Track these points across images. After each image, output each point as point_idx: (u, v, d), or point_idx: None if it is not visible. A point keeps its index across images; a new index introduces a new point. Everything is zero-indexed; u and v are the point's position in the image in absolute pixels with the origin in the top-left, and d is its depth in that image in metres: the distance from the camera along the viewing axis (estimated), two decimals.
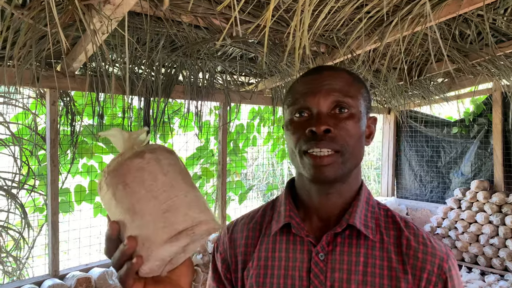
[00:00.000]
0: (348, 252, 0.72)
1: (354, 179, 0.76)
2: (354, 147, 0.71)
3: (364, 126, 0.74)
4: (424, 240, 0.73)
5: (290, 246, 0.76)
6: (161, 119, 2.66)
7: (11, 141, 2.33)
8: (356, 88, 0.74)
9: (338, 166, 0.70)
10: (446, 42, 2.58)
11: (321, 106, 0.71)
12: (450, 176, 4.40)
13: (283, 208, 0.79)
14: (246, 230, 0.82)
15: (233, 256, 0.81)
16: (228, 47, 2.42)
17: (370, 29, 2.12)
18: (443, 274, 0.70)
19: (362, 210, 0.75)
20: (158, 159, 0.54)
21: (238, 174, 3.85)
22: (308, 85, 0.74)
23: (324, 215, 0.76)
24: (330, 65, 0.80)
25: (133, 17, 1.85)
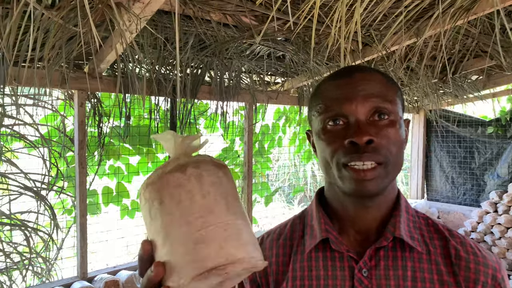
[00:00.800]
0: (393, 266, 0.66)
1: (391, 189, 0.71)
2: (397, 156, 0.66)
3: (403, 131, 0.68)
4: (473, 250, 0.68)
5: (329, 263, 0.69)
6: (187, 120, 2.63)
7: (40, 143, 2.34)
8: (393, 91, 0.68)
9: (381, 180, 0.64)
10: (487, 37, 2.44)
11: (359, 113, 0.64)
12: (485, 178, 4.19)
13: (316, 222, 0.73)
14: (276, 248, 0.76)
15: (263, 276, 0.75)
16: (256, 45, 2.35)
17: (408, 24, 2.02)
18: (497, 285, 0.66)
19: (405, 221, 0.69)
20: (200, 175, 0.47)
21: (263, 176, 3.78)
22: (341, 90, 0.67)
23: (363, 228, 0.70)
24: (360, 66, 0.72)
25: (162, 15, 1.81)
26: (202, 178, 0.47)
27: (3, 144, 2.24)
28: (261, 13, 1.93)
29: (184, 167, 0.48)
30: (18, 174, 2.30)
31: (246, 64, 2.59)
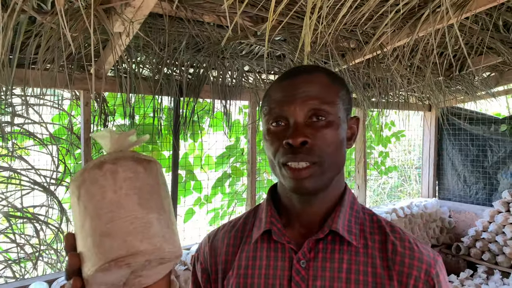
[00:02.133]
0: (330, 258, 0.70)
1: (336, 185, 0.75)
2: (334, 155, 0.69)
3: (344, 132, 0.71)
4: (410, 245, 0.71)
5: (271, 253, 0.74)
6: (191, 119, 2.70)
7: (49, 141, 2.47)
8: (334, 91, 0.71)
9: (317, 178, 0.68)
10: (488, 33, 2.40)
11: (297, 115, 0.68)
12: (498, 177, 4.09)
13: (264, 214, 0.77)
14: (228, 238, 0.80)
15: (213, 265, 0.79)
16: (254, 45, 2.40)
17: (399, 22, 2.02)
18: (430, 280, 0.68)
19: (346, 215, 0.73)
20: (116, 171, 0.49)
21: (268, 173, 3.83)
22: (283, 93, 0.70)
23: (307, 221, 0.74)
24: (305, 67, 0.75)
25: (156, 18, 1.89)
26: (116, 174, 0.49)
27: (15, 141, 2.38)
28: (254, 14, 1.97)
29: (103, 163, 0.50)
30: (29, 170, 2.44)
31: (246, 64, 2.64)
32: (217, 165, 3.36)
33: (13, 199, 2.42)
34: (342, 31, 2.17)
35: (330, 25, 1.79)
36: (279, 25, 2.12)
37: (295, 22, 2.10)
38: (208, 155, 3.32)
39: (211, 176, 3.33)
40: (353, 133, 0.76)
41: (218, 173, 3.39)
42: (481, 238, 3.89)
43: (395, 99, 3.68)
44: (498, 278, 3.60)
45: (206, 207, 3.37)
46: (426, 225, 4.18)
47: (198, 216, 3.36)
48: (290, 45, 2.33)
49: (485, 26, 2.41)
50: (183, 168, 3.11)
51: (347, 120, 0.74)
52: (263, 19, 2.10)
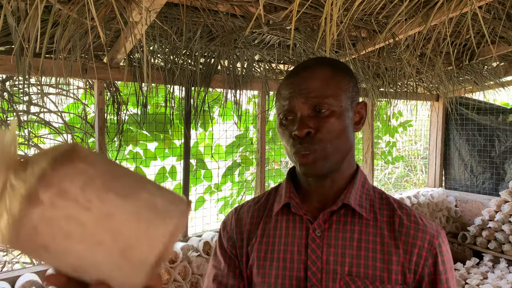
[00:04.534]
0: (343, 229, 0.79)
1: (347, 166, 0.83)
2: (337, 141, 0.77)
3: (348, 119, 0.79)
4: (415, 219, 0.80)
5: (290, 224, 0.83)
6: (201, 108, 2.73)
7: (64, 130, 2.50)
8: (335, 83, 0.78)
9: (322, 162, 0.77)
10: (500, 22, 2.39)
11: (302, 109, 0.77)
12: (505, 167, 4.11)
13: (284, 190, 0.86)
14: (252, 211, 0.90)
15: (238, 233, 0.89)
16: (265, 35, 2.41)
17: (412, 11, 2.02)
18: (433, 249, 0.76)
19: (357, 192, 0.82)
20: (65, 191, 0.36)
21: (277, 163, 3.86)
22: (289, 90, 0.79)
23: (321, 197, 0.83)
24: (311, 62, 0.83)
25: (171, 7, 1.90)
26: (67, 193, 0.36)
27: (30, 130, 2.42)
28: (267, 3, 1.98)
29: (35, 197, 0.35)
30: None
31: (257, 53, 2.66)
32: (227, 154, 3.39)
33: None
34: (355, 20, 2.18)
35: (345, 14, 1.80)
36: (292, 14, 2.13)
37: (308, 12, 2.11)
38: (218, 144, 3.35)
39: (221, 165, 3.36)
40: (361, 117, 0.84)
41: (227, 162, 3.42)
42: (487, 227, 3.93)
43: (403, 89, 3.69)
44: (504, 266, 3.65)
45: (216, 196, 3.42)
46: (432, 215, 4.21)
47: (208, 204, 3.40)
48: (303, 34, 2.34)
49: (497, 15, 2.41)
50: (194, 157, 3.15)
51: (352, 107, 0.81)
52: (276, 7, 2.11)
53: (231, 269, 0.88)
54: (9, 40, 1.90)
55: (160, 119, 2.82)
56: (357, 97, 0.84)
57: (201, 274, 2.62)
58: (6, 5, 1.38)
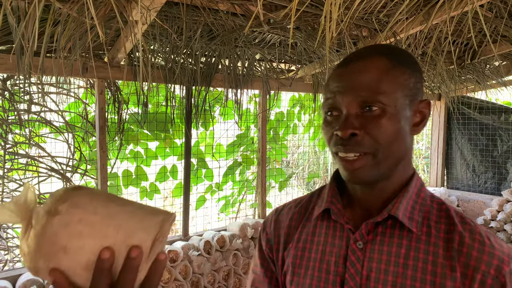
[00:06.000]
0: (388, 242, 0.69)
1: (400, 173, 0.72)
2: (390, 145, 0.66)
3: (404, 119, 0.67)
4: (481, 238, 0.66)
5: (330, 231, 0.75)
6: (202, 107, 2.73)
7: (65, 129, 2.51)
8: (391, 77, 0.67)
9: (371, 168, 0.67)
10: (502, 21, 2.38)
11: (348, 107, 0.67)
12: (507, 166, 4.09)
13: (326, 194, 0.78)
14: (291, 213, 0.84)
15: (276, 236, 0.83)
16: (266, 34, 2.41)
17: (414, 10, 2.01)
18: (501, 277, 0.63)
19: (410, 202, 0.70)
20: (76, 203, 0.47)
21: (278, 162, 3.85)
22: (336, 83, 0.70)
23: (367, 205, 0.74)
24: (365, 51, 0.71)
25: (171, 6, 1.90)
26: (78, 204, 0.47)
27: (31, 129, 2.43)
28: (267, 2, 1.98)
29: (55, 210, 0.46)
30: (46, 157, 2.48)
31: (258, 52, 2.65)
32: (227, 154, 3.39)
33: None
34: (356, 19, 2.17)
35: (345, 13, 1.79)
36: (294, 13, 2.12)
37: (309, 10, 2.10)
38: (219, 144, 3.35)
39: (222, 164, 3.36)
40: (423, 118, 0.72)
41: (228, 162, 3.42)
42: (490, 227, 3.91)
43: None
44: None
45: (217, 195, 3.42)
46: None
47: (209, 203, 3.40)
48: (304, 33, 2.33)
49: (499, 13, 2.40)
50: (195, 156, 3.15)
51: (411, 105, 0.69)
52: (277, 6, 2.11)
53: (268, 275, 0.84)
54: (10, 39, 1.90)
55: (161, 118, 2.82)
56: (420, 94, 0.72)
57: (202, 273, 2.62)
58: (6, 4, 1.38)
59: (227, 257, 2.74)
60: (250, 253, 2.85)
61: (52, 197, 0.48)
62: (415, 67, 0.71)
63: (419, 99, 0.71)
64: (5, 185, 2.36)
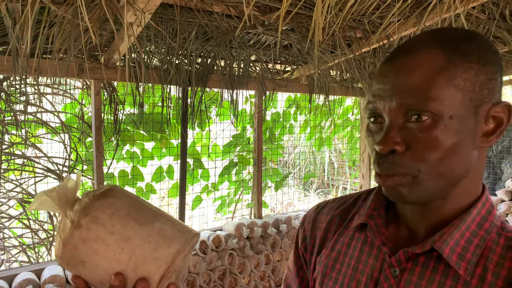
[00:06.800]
0: (429, 278, 0.57)
1: (461, 194, 0.58)
2: (439, 164, 0.54)
3: (466, 130, 0.54)
4: None
5: (366, 248, 0.65)
6: (198, 108, 2.75)
7: (61, 129, 2.52)
8: (448, 77, 0.52)
9: (412, 188, 0.55)
10: (494, 22, 2.41)
11: (392, 115, 0.55)
12: (502, 166, 4.13)
13: (369, 204, 0.68)
14: (331, 215, 0.74)
15: (312, 237, 0.75)
16: (261, 35, 2.43)
17: (407, 12, 2.04)
18: None
19: (465, 234, 0.57)
20: (97, 218, 0.49)
21: (274, 162, 3.87)
22: (380, 84, 0.57)
23: (414, 225, 0.62)
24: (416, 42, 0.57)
25: (166, 8, 1.92)
26: (99, 220, 0.49)
27: (28, 130, 2.44)
28: (261, 4, 2.00)
29: (78, 222, 0.49)
30: (42, 158, 2.50)
31: (254, 53, 2.67)
32: (224, 154, 3.41)
33: (27, 185, 2.49)
34: (349, 21, 2.20)
35: (338, 15, 1.81)
36: (287, 15, 2.15)
37: (302, 12, 2.13)
38: (215, 144, 3.37)
39: (218, 165, 3.38)
40: (498, 125, 0.56)
41: (225, 162, 3.44)
42: None
43: None
44: None
45: (213, 195, 3.44)
46: None
47: (205, 203, 3.42)
48: (298, 35, 2.35)
49: (492, 15, 2.42)
50: (191, 157, 3.17)
51: (479, 112, 0.54)
52: (271, 8, 2.13)
53: (299, 275, 0.77)
54: (6, 40, 1.92)
55: (157, 118, 2.84)
56: (493, 95, 0.55)
57: (197, 273, 2.64)
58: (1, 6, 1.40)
59: (223, 257, 2.76)
60: (246, 252, 2.87)
61: (82, 202, 0.50)
62: (487, 58, 0.55)
63: (491, 103, 0.55)
64: (2, 185, 2.37)
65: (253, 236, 2.93)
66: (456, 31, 0.57)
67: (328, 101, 3.26)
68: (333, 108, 3.40)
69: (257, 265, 2.95)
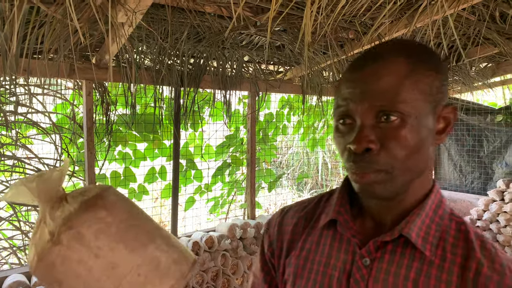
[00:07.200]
0: (398, 263, 0.62)
1: (418, 187, 0.66)
2: (408, 160, 0.60)
3: (425, 129, 0.61)
4: (501, 269, 0.59)
5: (335, 243, 0.69)
6: (191, 109, 2.74)
7: (52, 130, 2.50)
8: (412, 82, 0.59)
9: (384, 185, 0.61)
10: (484, 24, 2.43)
11: (363, 116, 0.60)
12: (493, 166, 4.16)
13: (335, 201, 0.72)
14: (296, 218, 0.77)
15: (279, 241, 0.77)
16: (253, 36, 2.43)
17: (397, 13, 2.05)
18: None
19: (425, 220, 0.64)
20: (81, 236, 0.41)
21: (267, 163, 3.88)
22: (350, 88, 0.62)
23: (379, 218, 0.68)
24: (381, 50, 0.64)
25: (158, 9, 1.91)
26: (83, 238, 0.41)
27: (18, 130, 2.42)
28: (253, 5, 2.00)
29: (58, 237, 0.41)
30: (33, 159, 2.48)
31: (246, 54, 2.67)
32: (217, 155, 3.41)
33: None
34: (341, 22, 2.20)
35: (329, 16, 1.82)
36: (279, 16, 2.15)
37: (294, 13, 2.13)
38: (208, 145, 3.36)
39: (211, 165, 3.38)
40: (447, 125, 0.65)
41: (218, 163, 3.43)
42: (476, 226, 3.97)
43: None
44: None
45: (207, 196, 3.43)
46: None
47: (198, 204, 3.41)
48: (290, 36, 2.36)
49: (482, 17, 2.44)
50: (184, 157, 3.16)
51: (434, 112, 0.62)
52: (263, 9, 2.13)
53: (267, 280, 0.78)
54: None
55: (149, 119, 2.82)
56: (444, 98, 0.64)
57: None
58: None
59: (216, 258, 2.76)
60: (239, 253, 2.87)
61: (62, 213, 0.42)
62: (439, 67, 0.63)
63: (443, 104, 0.64)
64: None
65: (246, 237, 2.92)
66: (416, 44, 0.65)
67: (321, 101, 3.27)
68: (326, 109, 3.41)
69: (250, 266, 2.94)
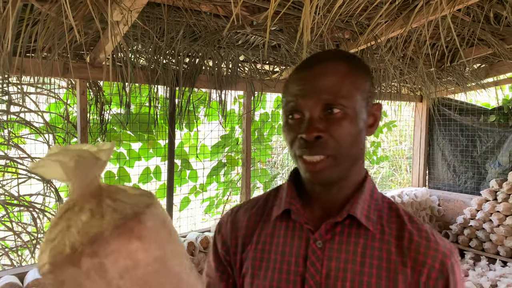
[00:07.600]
0: (346, 241, 0.72)
1: (356, 173, 0.76)
2: (350, 147, 0.70)
3: (361, 122, 0.71)
4: (427, 235, 0.72)
5: (289, 232, 0.76)
6: (186, 108, 2.72)
7: (45, 130, 2.47)
8: (351, 81, 0.70)
9: (332, 169, 0.70)
10: (479, 25, 2.45)
11: (312, 110, 0.69)
12: (486, 166, 4.20)
13: (284, 194, 0.79)
14: (248, 215, 0.83)
15: (233, 239, 0.82)
16: (249, 35, 2.42)
17: (393, 14, 2.05)
18: (445, 270, 0.69)
19: (365, 202, 0.74)
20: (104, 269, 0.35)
21: (262, 163, 3.87)
22: (299, 86, 0.71)
23: (326, 205, 0.76)
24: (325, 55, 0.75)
25: (153, 7, 1.89)
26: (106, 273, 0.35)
27: (11, 130, 2.38)
28: (249, 4, 1.99)
29: (78, 257, 0.35)
30: (26, 159, 2.44)
31: (242, 54, 2.66)
32: (212, 155, 3.39)
33: (9, 187, 2.43)
34: (337, 22, 2.20)
35: (326, 16, 1.82)
36: (276, 15, 2.14)
37: (291, 13, 2.12)
38: (203, 145, 3.34)
39: (206, 165, 3.36)
40: (376, 120, 0.76)
41: (213, 163, 3.42)
42: (469, 226, 4.00)
43: (387, 90, 3.74)
44: (485, 264, 3.73)
45: (202, 196, 3.41)
46: (416, 213, 4.28)
47: (193, 204, 3.40)
48: (286, 35, 2.35)
49: (477, 18, 2.46)
50: (179, 157, 3.14)
51: (367, 108, 0.73)
52: (260, 8, 2.12)
53: (224, 278, 0.82)
54: None
55: (144, 119, 2.80)
56: (373, 98, 0.76)
57: None
58: None
59: None
60: None
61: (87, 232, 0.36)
62: (369, 72, 0.76)
63: (373, 102, 0.76)
64: None
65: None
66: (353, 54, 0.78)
67: None
68: None
69: None
